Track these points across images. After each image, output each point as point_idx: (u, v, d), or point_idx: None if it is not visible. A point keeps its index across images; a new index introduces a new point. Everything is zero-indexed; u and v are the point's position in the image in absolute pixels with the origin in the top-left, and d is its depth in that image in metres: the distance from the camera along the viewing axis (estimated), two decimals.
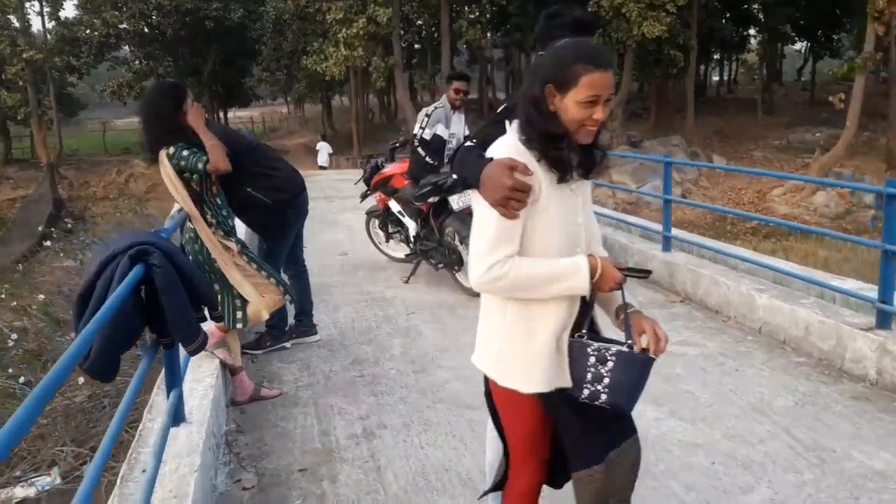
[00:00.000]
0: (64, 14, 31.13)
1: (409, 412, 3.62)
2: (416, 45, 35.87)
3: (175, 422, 2.86)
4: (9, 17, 26.59)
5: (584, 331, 1.76)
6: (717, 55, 43.11)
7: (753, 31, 37.35)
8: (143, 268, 2.34)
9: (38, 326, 8.44)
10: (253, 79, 36.74)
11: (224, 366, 3.73)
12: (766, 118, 29.60)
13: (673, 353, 4.10)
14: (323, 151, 22.26)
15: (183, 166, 3.37)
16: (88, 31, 28.75)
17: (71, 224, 13.74)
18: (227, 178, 3.62)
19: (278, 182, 4.43)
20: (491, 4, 23.70)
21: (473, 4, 26.33)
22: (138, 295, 2.40)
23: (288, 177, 4.58)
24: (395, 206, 6.44)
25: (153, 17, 28.36)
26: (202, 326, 2.67)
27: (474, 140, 1.98)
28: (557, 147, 1.66)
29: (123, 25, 28.89)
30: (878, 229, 5.91)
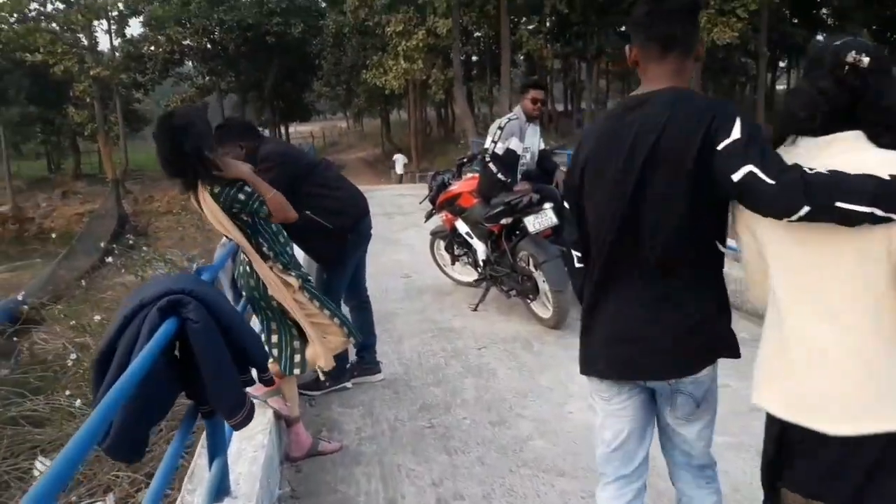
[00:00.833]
0: (130, 31, 31.85)
1: (489, 477, 3.08)
2: (474, 57, 35.50)
3: (218, 496, 2.40)
4: (78, 35, 27.25)
5: None
6: (784, 62, 41.46)
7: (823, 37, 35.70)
8: (176, 322, 1.88)
9: (97, 343, 8.36)
10: (313, 93, 36.92)
11: (278, 416, 3.27)
12: None
13: None
14: (399, 163, 23.43)
15: (238, 210, 2.92)
16: (153, 48, 29.27)
17: (133, 240, 13.69)
18: None
19: (340, 204, 3.98)
20: (552, 14, 23.15)
21: (534, 14, 25.81)
22: (171, 353, 1.94)
23: (351, 198, 4.13)
24: (462, 227, 5.94)
25: (216, 32, 28.71)
26: (250, 388, 2.20)
27: None
28: None
29: (187, 42, 29.33)
30: None
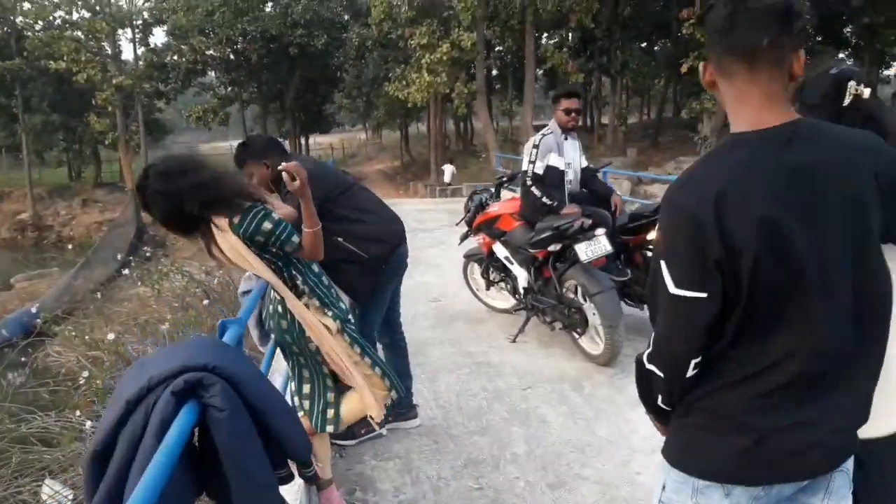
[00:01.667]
0: (154, 41, 31.77)
1: None
2: (495, 71, 35.12)
3: None
4: (102, 43, 27.11)
5: None
6: None
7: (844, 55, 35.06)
8: (195, 410, 1.43)
9: (112, 360, 8.06)
10: (334, 105, 36.69)
11: (309, 479, 2.81)
12: None
13: None
14: (447, 171, 24.18)
15: (262, 242, 2.49)
16: (176, 57, 29.02)
17: (150, 251, 13.40)
18: None
19: (375, 230, 3.53)
20: (577, 29, 22.68)
21: (558, 29, 25.33)
22: (188, 444, 1.49)
23: (387, 223, 3.68)
24: (501, 251, 5.48)
25: (239, 43, 28.45)
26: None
27: None
28: None
29: (210, 52, 29.08)
30: None
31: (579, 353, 4.82)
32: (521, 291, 5.26)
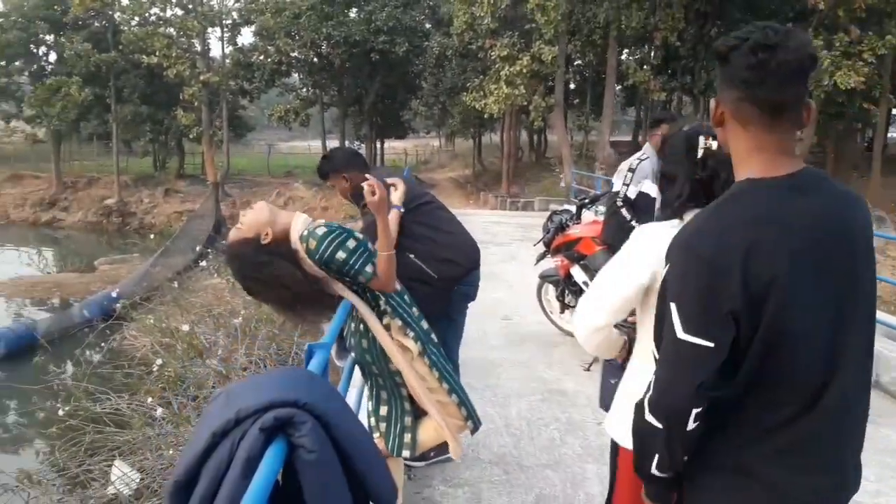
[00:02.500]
0: (241, 40, 32.60)
1: None
2: (572, 85, 34.77)
3: None
4: (192, 41, 28.04)
5: None
6: None
7: None
8: (283, 448, 1.33)
9: (184, 347, 8.23)
10: (410, 111, 36.94)
11: None
12: None
13: None
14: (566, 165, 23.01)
15: (335, 270, 2.43)
16: (262, 58, 29.67)
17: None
18: None
19: (450, 251, 3.37)
20: (661, 46, 22.19)
21: (643, 45, 24.87)
22: (274, 484, 1.40)
23: (463, 245, 3.53)
24: (579, 276, 5.31)
25: (323, 46, 28.88)
26: None
27: None
28: None
29: (295, 54, 29.67)
30: None
31: None
32: None
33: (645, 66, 22.79)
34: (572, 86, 34.98)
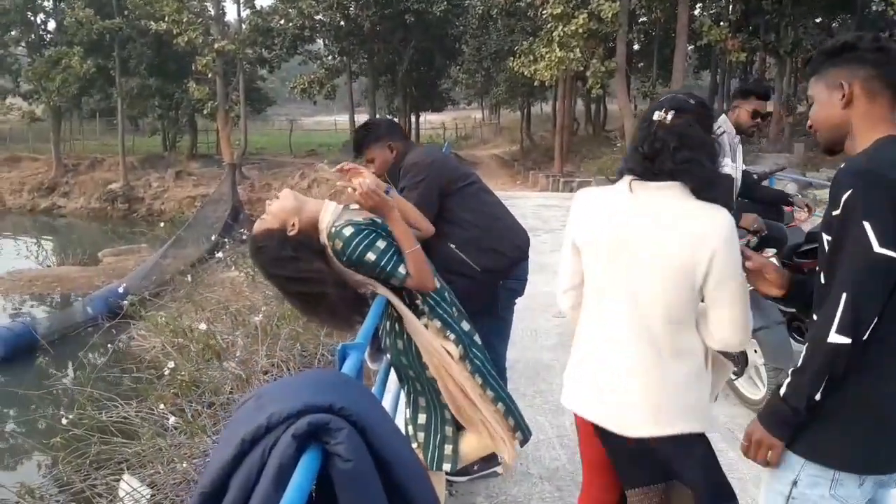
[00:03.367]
0: (260, 3, 32.84)
1: None
2: (636, 47, 34.40)
3: None
4: (205, 3, 28.34)
5: None
6: None
7: None
8: (318, 456, 1.41)
9: (199, 348, 8.37)
10: (449, 80, 36.95)
11: None
12: None
13: None
14: None
15: (362, 269, 2.52)
16: (283, 22, 29.92)
17: (245, 234, 13.90)
18: None
19: (495, 240, 3.39)
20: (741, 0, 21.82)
21: None
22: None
23: (510, 233, 3.57)
24: None
25: (351, 8, 29.07)
26: None
27: None
28: None
29: (319, 17, 29.91)
30: None
31: (734, 396, 4.60)
32: None
33: (722, 23, 22.42)
34: (636, 47, 34.61)
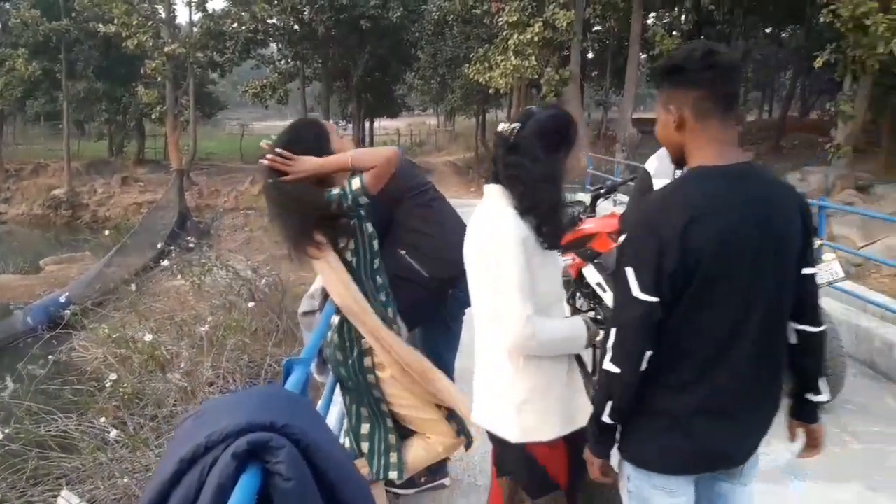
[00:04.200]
0: (212, 6, 32.51)
1: None
2: (590, 56, 34.86)
3: None
4: (156, 6, 27.95)
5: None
6: None
7: None
8: (258, 476, 1.41)
9: (142, 360, 8.23)
10: (405, 86, 36.93)
11: None
12: None
13: None
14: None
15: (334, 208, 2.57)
16: (236, 25, 29.64)
17: (193, 242, 13.74)
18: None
19: (443, 247, 3.35)
20: (693, 9, 22.26)
21: (672, 8, 24.91)
22: None
23: (460, 242, 3.59)
24: (592, 276, 5.36)
25: (305, 12, 28.88)
26: None
27: None
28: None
29: (273, 20, 29.64)
30: None
31: None
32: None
33: (674, 33, 22.83)
34: (591, 56, 35.07)
